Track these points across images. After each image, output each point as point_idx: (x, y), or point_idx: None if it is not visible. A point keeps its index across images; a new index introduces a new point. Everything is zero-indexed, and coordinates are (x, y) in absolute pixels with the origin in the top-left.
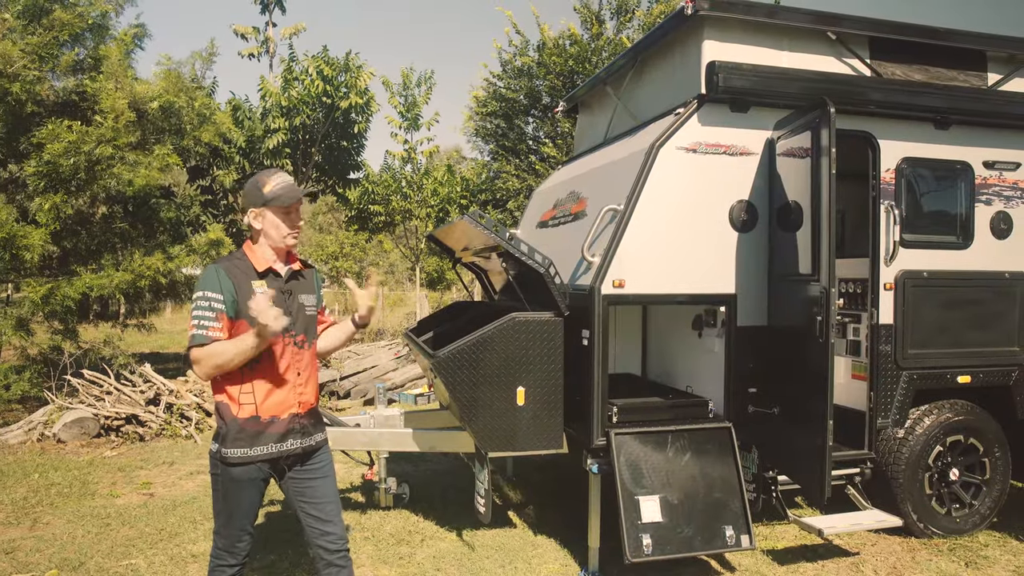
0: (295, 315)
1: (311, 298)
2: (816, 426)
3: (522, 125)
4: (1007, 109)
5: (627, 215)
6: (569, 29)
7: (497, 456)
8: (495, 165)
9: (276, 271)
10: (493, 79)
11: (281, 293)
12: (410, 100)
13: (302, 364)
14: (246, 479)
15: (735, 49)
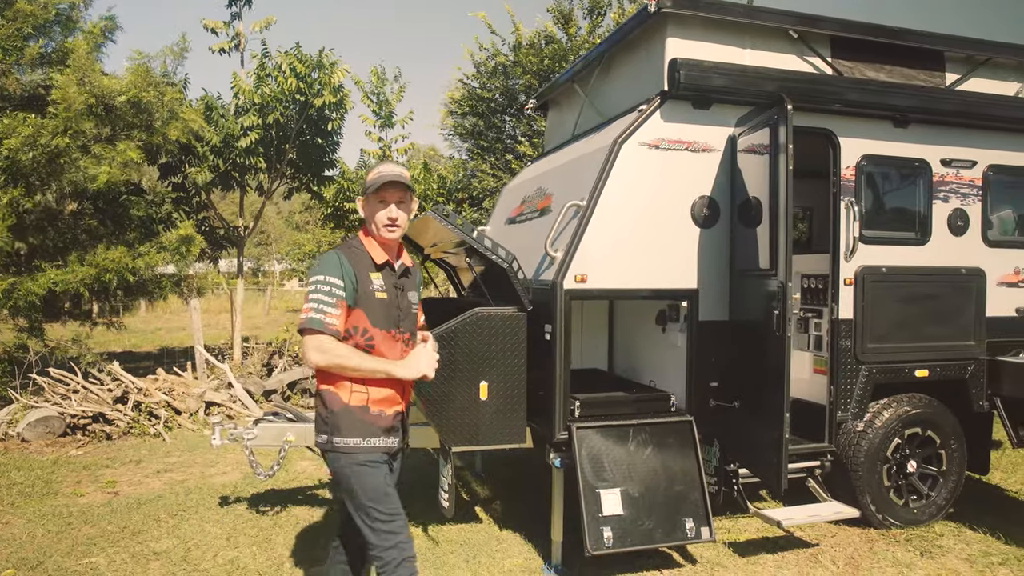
0: (403, 312)
1: (416, 296)
2: (773, 419)
3: (498, 123)
4: (964, 108)
5: (590, 211)
6: (545, 28)
7: (461, 451)
8: (471, 163)
9: (392, 265)
10: (468, 80)
11: (394, 288)
12: (382, 98)
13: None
14: (370, 461)
15: (698, 47)
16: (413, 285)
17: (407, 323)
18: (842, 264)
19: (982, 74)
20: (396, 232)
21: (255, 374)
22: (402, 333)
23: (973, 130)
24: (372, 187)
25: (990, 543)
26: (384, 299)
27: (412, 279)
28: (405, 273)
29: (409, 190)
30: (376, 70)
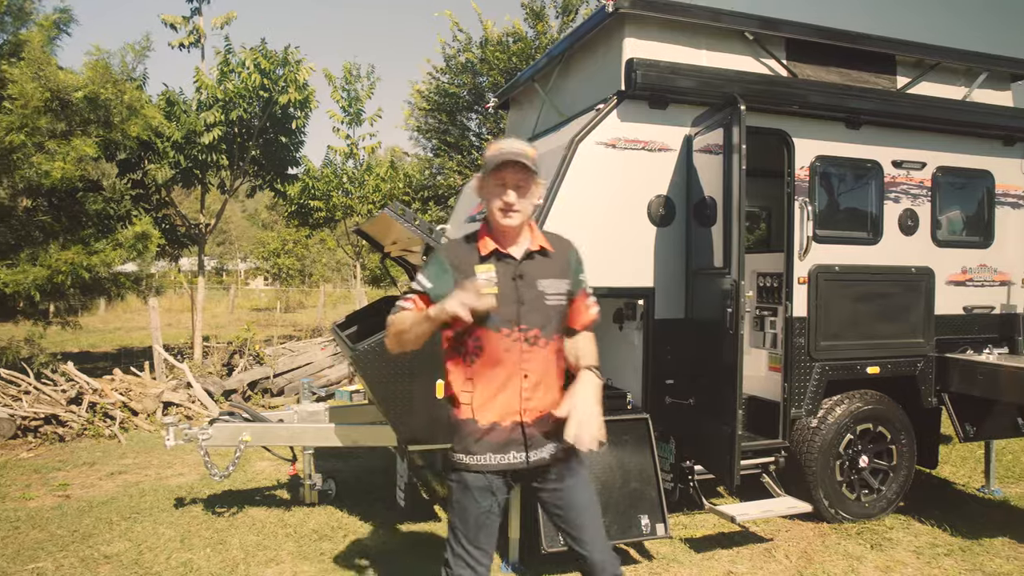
0: (526, 304)
1: (557, 284)
2: (727, 416)
3: (465, 121)
4: (914, 111)
5: (546, 209)
6: (514, 26)
7: (417, 449)
8: (437, 161)
9: (506, 254)
10: (436, 73)
11: (512, 280)
12: (353, 95)
13: (533, 364)
14: (474, 487)
15: (655, 47)
16: (553, 271)
17: (531, 318)
18: (796, 263)
19: (932, 78)
20: (514, 219)
21: (215, 374)
22: (524, 331)
23: (923, 132)
24: (489, 166)
25: (937, 535)
26: (493, 294)
27: (551, 263)
28: (531, 257)
29: (532, 172)
30: (349, 65)
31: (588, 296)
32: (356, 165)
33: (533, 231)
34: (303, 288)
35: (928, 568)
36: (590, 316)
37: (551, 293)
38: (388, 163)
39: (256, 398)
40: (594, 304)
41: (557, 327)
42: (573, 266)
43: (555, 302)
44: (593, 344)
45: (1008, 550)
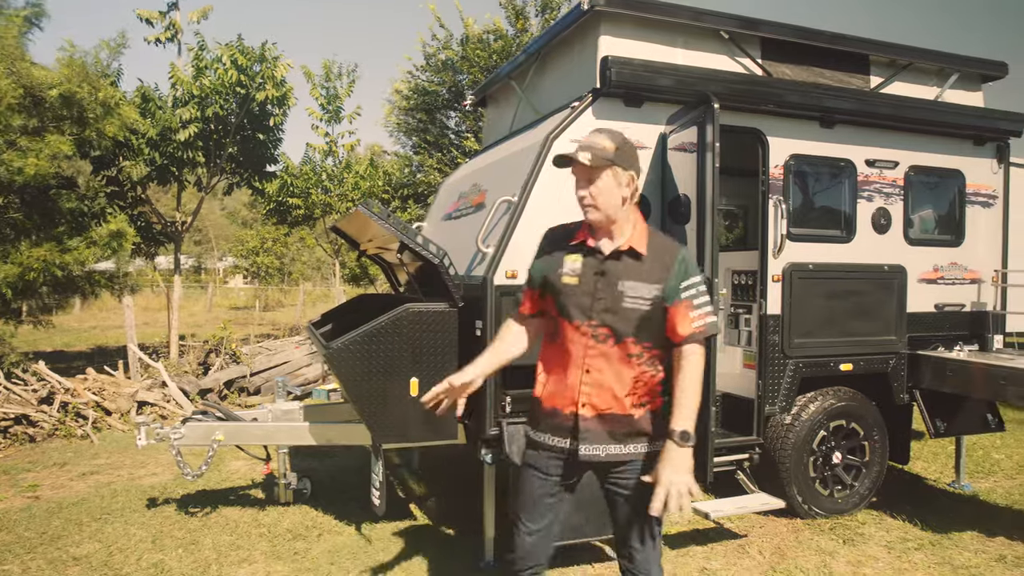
0: (601, 302)
1: (643, 288)
2: (699, 413)
3: (444, 119)
4: (887, 111)
5: (520, 207)
6: (494, 24)
7: (391, 447)
8: (417, 159)
9: (594, 248)
10: (416, 71)
11: (592, 275)
12: (332, 92)
13: (597, 361)
14: (530, 463)
15: (631, 45)
16: (647, 275)
17: (609, 317)
18: (770, 261)
19: (904, 78)
20: (592, 213)
21: (191, 373)
22: (595, 327)
23: (896, 132)
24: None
25: (908, 529)
26: (572, 284)
27: (643, 268)
28: (618, 256)
29: (597, 167)
30: (328, 63)
31: (693, 308)
32: (335, 163)
33: (634, 230)
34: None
35: (898, 562)
36: (690, 328)
37: (631, 296)
38: (368, 161)
39: (233, 397)
40: (701, 317)
41: (638, 332)
42: (673, 274)
43: (634, 305)
44: (693, 390)
45: (976, 544)
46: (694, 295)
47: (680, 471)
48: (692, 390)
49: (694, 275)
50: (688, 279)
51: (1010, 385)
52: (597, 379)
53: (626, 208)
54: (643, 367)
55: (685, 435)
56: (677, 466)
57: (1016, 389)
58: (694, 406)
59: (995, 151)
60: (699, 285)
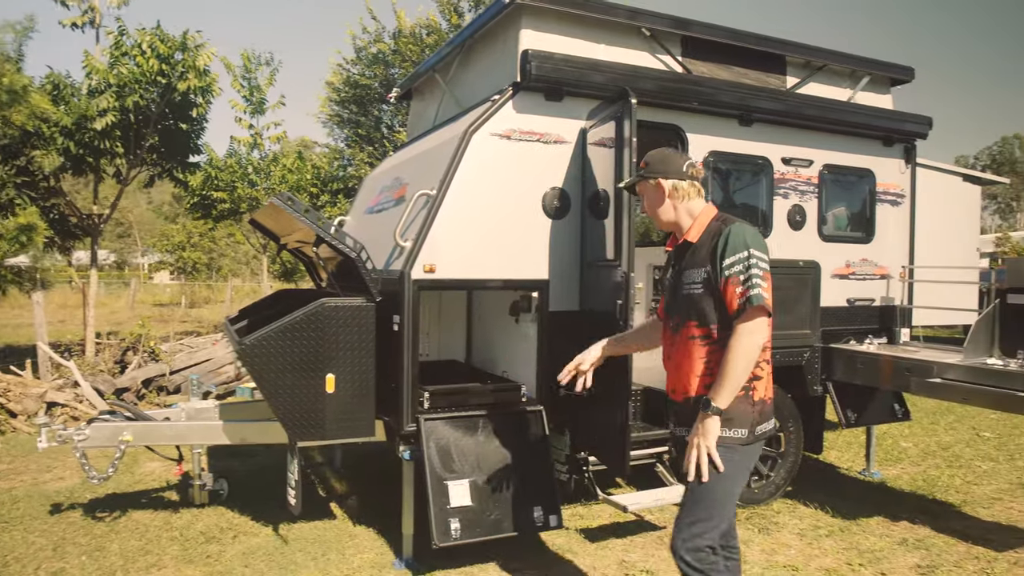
0: (673, 294)
1: (695, 273)
2: (618, 406)
3: (377, 113)
4: (802, 110)
5: (439, 200)
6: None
7: (308, 445)
8: (348, 152)
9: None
10: (347, 65)
11: (671, 271)
12: (253, 83)
13: (674, 348)
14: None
15: (552, 39)
16: (692, 261)
17: (677, 307)
18: None
19: (819, 79)
20: (658, 222)
21: (106, 371)
22: (671, 318)
23: (811, 131)
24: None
25: (820, 517)
26: (666, 285)
27: (694, 254)
28: (685, 250)
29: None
30: (247, 54)
31: (739, 283)
32: (261, 156)
33: (694, 223)
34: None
35: (809, 549)
36: (734, 304)
37: (686, 282)
38: (296, 154)
39: (151, 396)
40: (743, 293)
41: (699, 316)
42: (718, 250)
43: (690, 291)
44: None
45: (882, 528)
46: (739, 271)
47: (699, 434)
48: (730, 364)
49: (739, 251)
50: (730, 256)
51: (914, 376)
52: (676, 365)
53: (676, 208)
54: (709, 351)
55: (707, 403)
56: (698, 429)
57: (920, 380)
58: (729, 379)
59: (903, 152)
60: (745, 260)
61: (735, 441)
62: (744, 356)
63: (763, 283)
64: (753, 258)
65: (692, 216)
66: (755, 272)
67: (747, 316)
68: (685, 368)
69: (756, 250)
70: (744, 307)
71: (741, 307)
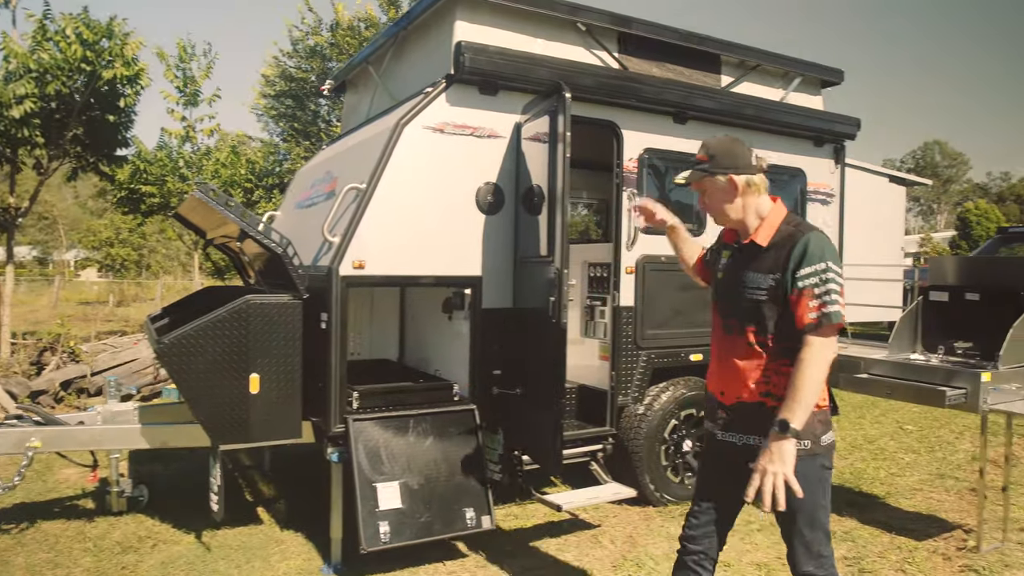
0: (729, 293)
1: (760, 278)
2: (551, 405)
3: (313, 107)
4: (737, 109)
5: (369, 194)
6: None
7: (231, 448)
8: (283, 147)
9: (731, 244)
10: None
11: (729, 269)
12: (188, 75)
13: (727, 349)
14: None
15: (488, 32)
16: (756, 264)
17: (733, 307)
18: (624, 253)
19: (753, 79)
20: (713, 220)
21: (20, 373)
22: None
23: (745, 130)
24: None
25: (752, 512)
26: (720, 279)
27: (758, 256)
28: (745, 250)
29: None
30: (183, 43)
31: (813, 296)
32: (194, 149)
33: (762, 223)
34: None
35: (741, 544)
36: (807, 318)
37: (750, 286)
38: (230, 148)
39: (70, 399)
40: (819, 308)
41: (759, 323)
42: (792, 260)
43: (752, 295)
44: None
45: None
46: (815, 284)
47: (775, 461)
48: (801, 381)
49: (815, 263)
50: (806, 267)
51: (843, 372)
52: (728, 368)
53: (742, 205)
54: (768, 358)
55: (784, 424)
56: (773, 455)
57: (848, 376)
58: (802, 397)
59: (833, 152)
60: (822, 273)
61: (803, 453)
62: (819, 372)
63: (840, 299)
64: (830, 271)
65: (760, 216)
66: (832, 287)
67: (822, 332)
68: (739, 373)
69: (833, 263)
70: (820, 323)
71: (817, 322)
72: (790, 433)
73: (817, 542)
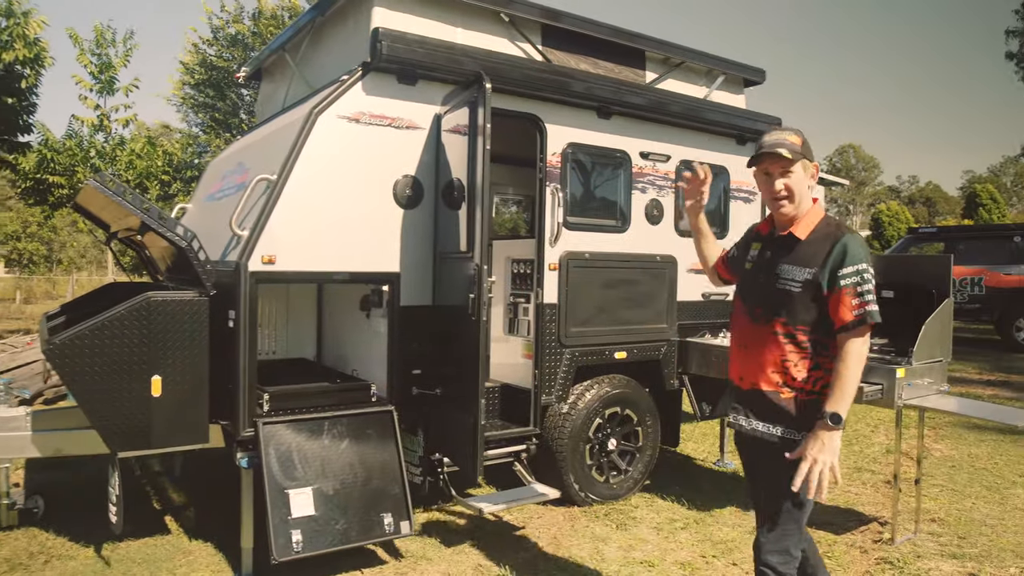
0: (760, 283)
1: (797, 271)
2: (470, 405)
3: (235, 97)
4: (662, 105)
5: (280, 186)
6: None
7: (129, 455)
8: (203, 138)
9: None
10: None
11: (761, 259)
12: (104, 60)
13: (751, 338)
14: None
15: (407, 20)
16: (794, 257)
17: (762, 297)
18: (547, 249)
19: (677, 76)
20: (787, 205)
21: None
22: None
23: (669, 127)
24: (752, 162)
25: (676, 510)
26: (748, 269)
27: (797, 249)
28: (781, 242)
29: (793, 159)
30: (100, 27)
31: (855, 295)
32: (107, 139)
33: (805, 217)
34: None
35: (666, 543)
36: (849, 315)
37: (785, 278)
38: (145, 139)
39: None
40: (860, 306)
41: (790, 314)
42: (833, 259)
43: (787, 287)
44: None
45: (734, 519)
46: (856, 283)
47: (826, 451)
48: (846, 375)
49: (856, 263)
50: (848, 266)
51: None
52: (751, 355)
53: (807, 195)
54: (794, 350)
55: (836, 417)
56: (824, 446)
57: None
58: (849, 390)
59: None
60: (862, 273)
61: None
62: (859, 366)
63: (875, 299)
64: (868, 272)
65: (803, 210)
66: (870, 287)
67: (862, 330)
68: (761, 361)
69: (870, 266)
70: (862, 320)
71: (859, 319)
72: (840, 425)
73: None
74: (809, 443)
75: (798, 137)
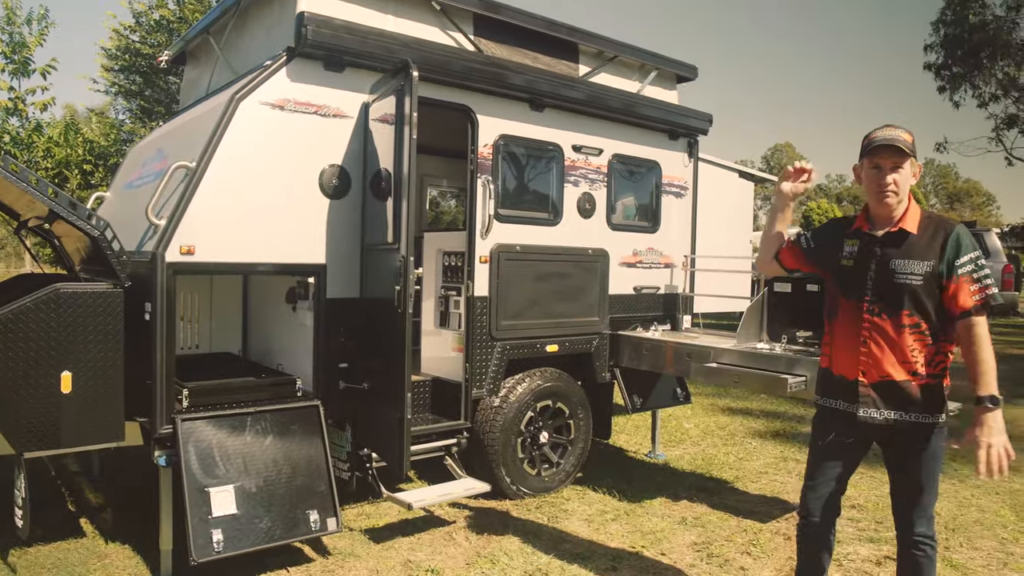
0: (875, 279)
1: (914, 264)
2: (396, 400)
3: (162, 84)
4: (596, 99)
5: (199, 174)
6: None
7: (36, 455)
8: (128, 126)
9: (867, 233)
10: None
11: (866, 257)
12: (18, 39)
13: (874, 333)
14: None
15: (335, 5)
16: (907, 252)
17: (881, 293)
18: (478, 242)
19: (610, 70)
20: (892, 198)
21: None
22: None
23: (601, 120)
24: (864, 152)
25: (607, 502)
26: (848, 267)
27: (920, 245)
28: (892, 239)
29: (907, 154)
30: (10, 4)
31: (973, 281)
32: (23, 124)
33: (906, 213)
34: None
35: (596, 535)
36: (971, 300)
37: (902, 272)
38: (64, 124)
39: None
40: (981, 290)
41: (915, 306)
42: (949, 250)
43: (908, 281)
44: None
45: (664, 509)
46: (973, 269)
47: (995, 433)
48: (985, 357)
49: (970, 251)
50: (964, 255)
51: (694, 362)
52: (874, 350)
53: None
54: (918, 339)
55: (994, 399)
56: (994, 428)
57: (699, 365)
58: (992, 369)
59: (687, 146)
60: (977, 260)
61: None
62: (991, 346)
63: (993, 283)
64: (982, 259)
65: (905, 207)
66: (988, 272)
67: (984, 313)
68: (885, 354)
69: (979, 252)
70: (986, 303)
71: (983, 302)
72: (1000, 405)
73: (932, 505)
74: (978, 430)
75: (910, 135)
